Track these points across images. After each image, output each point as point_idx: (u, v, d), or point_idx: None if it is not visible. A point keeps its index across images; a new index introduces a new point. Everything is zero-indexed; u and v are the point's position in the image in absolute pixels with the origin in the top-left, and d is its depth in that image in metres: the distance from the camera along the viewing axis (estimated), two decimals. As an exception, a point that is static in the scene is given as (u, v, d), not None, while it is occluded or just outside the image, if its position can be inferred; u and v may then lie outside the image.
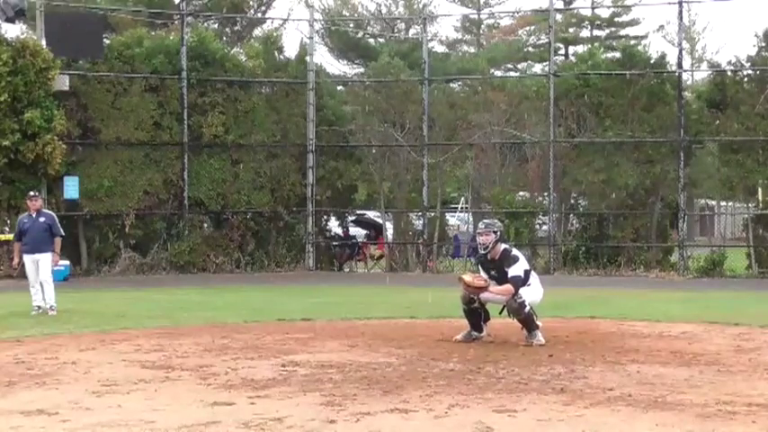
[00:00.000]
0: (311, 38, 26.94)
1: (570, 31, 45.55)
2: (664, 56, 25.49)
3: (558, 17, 38.51)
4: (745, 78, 24.45)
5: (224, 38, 32.85)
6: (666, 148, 24.14)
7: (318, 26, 34.54)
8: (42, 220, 14.42)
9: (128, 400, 7.49)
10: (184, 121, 24.30)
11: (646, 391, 7.80)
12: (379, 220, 28.49)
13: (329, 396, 7.57)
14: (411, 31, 38.18)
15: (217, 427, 6.57)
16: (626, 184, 24.11)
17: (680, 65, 24.53)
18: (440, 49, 40.52)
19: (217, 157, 24.88)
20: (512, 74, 38.23)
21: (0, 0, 21.64)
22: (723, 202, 31.55)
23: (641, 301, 16.84)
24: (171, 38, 25.67)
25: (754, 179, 23.79)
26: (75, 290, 18.04)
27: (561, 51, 42.66)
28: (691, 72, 36.63)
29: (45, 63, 21.69)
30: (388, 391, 7.76)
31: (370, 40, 38.16)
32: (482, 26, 47.53)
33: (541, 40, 42.23)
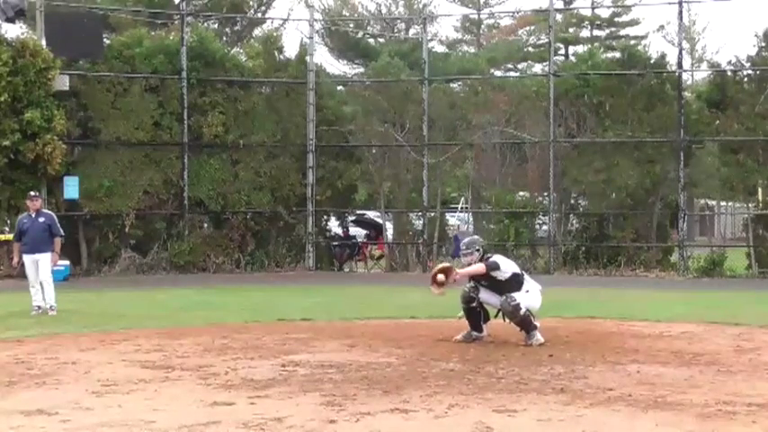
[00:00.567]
0: (311, 38, 26.93)
1: (570, 31, 45.51)
2: (664, 56, 25.52)
3: (558, 17, 38.48)
4: (745, 78, 24.46)
5: (224, 38, 32.84)
6: (666, 148, 24.14)
7: (318, 26, 34.53)
8: (42, 220, 14.42)
9: (128, 400, 7.50)
10: (184, 121, 24.31)
11: (646, 391, 7.80)
12: (379, 220, 28.47)
13: (329, 396, 7.57)
14: (411, 31, 38.18)
15: (217, 427, 6.57)
16: (626, 184, 24.11)
17: (680, 65, 24.53)
18: (440, 49, 40.51)
19: (217, 157, 24.88)
20: (512, 74, 38.27)
21: (0, 0, 21.64)
22: (723, 202, 31.55)
23: (641, 301, 16.84)
24: (171, 38, 25.67)
25: (754, 179, 23.78)
26: (75, 290, 18.03)
27: (561, 51, 42.62)
28: (691, 72, 36.61)
29: (45, 63, 21.70)
30: (388, 391, 7.76)
31: (370, 40, 38.16)
32: (482, 26, 47.54)
33: (541, 40, 42.20)
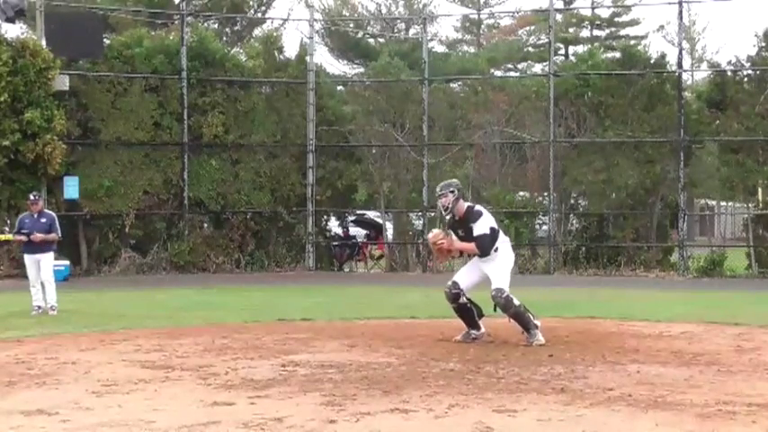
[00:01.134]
0: (311, 38, 26.93)
1: (570, 31, 45.49)
2: (664, 56, 25.53)
3: (558, 17, 38.48)
4: (745, 78, 24.46)
5: (224, 38, 32.85)
6: (666, 148, 24.14)
7: (318, 26, 34.51)
8: (44, 220, 14.48)
9: (128, 400, 7.49)
10: (184, 121, 24.31)
11: (646, 391, 7.79)
12: (379, 220, 28.47)
13: (329, 396, 7.56)
14: (411, 31, 38.17)
15: (217, 427, 6.57)
16: (626, 184, 24.12)
17: (680, 65, 24.53)
18: (440, 49, 40.47)
19: (217, 157, 24.88)
20: (512, 74, 38.21)
21: (0, 0, 21.64)
22: (723, 202, 31.55)
23: (641, 301, 16.83)
24: (171, 38, 25.68)
25: (754, 179, 23.79)
26: (75, 290, 18.04)
27: (561, 51, 42.60)
28: (691, 72, 36.64)
29: (45, 63, 21.70)
30: (388, 391, 7.76)
31: (370, 40, 38.14)
32: (482, 26, 47.53)
33: (541, 40, 42.19)
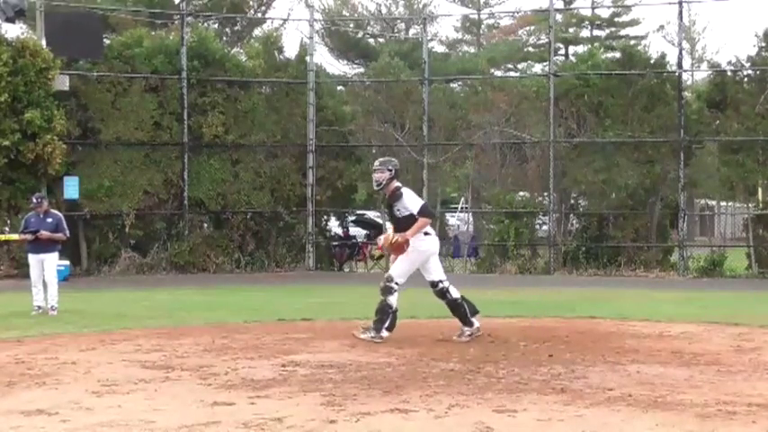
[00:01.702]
0: (311, 38, 26.94)
1: (570, 31, 45.53)
2: (664, 56, 25.53)
3: (558, 17, 38.50)
4: (745, 78, 24.46)
5: (224, 38, 32.88)
6: (666, 148, 24.14)
7: (318, 26, 34.60)
8: (50, 220, 14.47)
9: (128, 400, 7.49)
10: (184, 121, 24.32)
11: (646, 391, 7.79)
12: (379, 220, 28.46)
13: (329, 396, 7.56)
14: (411, 31, 38.21)
15: (217, 427, 6.56)
16: (626, 184, 24.11)
17: (680, 65, 24.53)
18: (440, 49, 40.58)
19: (217, 157, 24.89)
20: (512, 74, 38.28)
21: (0, 0, 21.64)
22: (723, 202, 31.54)
23: (641, 301, 16.82)
24: (171, 38, 25.69)
25: (754, 179, 23.79)
26: (76, 290, 18.04)
27: (561, 51, 42.65)
28: (691, 72, 36.64)
29: (45, 63, 21.70)
30: (388, 391, 7.75)
31: (370, 40, 38.20)
32: (482, 26, 47.56)
33: (541, 40, 42.24)
